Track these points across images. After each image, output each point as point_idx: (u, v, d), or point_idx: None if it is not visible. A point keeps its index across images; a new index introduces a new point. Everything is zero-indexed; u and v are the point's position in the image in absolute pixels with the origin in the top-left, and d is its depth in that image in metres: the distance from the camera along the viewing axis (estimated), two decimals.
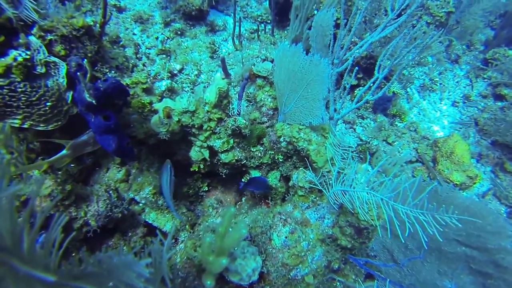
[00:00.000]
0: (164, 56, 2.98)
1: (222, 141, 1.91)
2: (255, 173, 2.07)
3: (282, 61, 1.79)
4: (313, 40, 1.99)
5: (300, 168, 1.93)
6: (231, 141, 1.93)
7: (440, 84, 4.32)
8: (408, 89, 4.16)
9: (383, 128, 3.03)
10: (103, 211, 1.61)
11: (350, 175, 1.46)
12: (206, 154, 1.92)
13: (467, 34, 4.41)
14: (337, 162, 1.58)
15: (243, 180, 2.11)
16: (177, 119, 1.83)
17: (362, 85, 3.29)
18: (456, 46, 4.79)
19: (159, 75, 2.81)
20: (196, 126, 1.87)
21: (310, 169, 1.82)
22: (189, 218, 1.98)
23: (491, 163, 3.57)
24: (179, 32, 3.31)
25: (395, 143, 2.99)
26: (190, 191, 2.11)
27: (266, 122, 2.12)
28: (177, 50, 3.17)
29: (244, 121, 1.89)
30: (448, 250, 1.24)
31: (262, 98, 2.12)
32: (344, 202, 1.47)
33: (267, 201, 2.07)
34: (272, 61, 2.67)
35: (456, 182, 2.67)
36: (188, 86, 2.96)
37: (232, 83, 2.43)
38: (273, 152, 2.01)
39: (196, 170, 1.98)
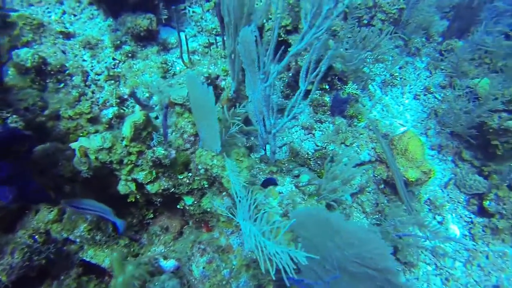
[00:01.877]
0: (112, 81, 2.94)
1: (145, 173, 1.91)
2: (188, 199, 2.07)
3: (190, 88, 1.84)
4: (242, 55, 2.00)
5: (222, 194, 1.96)
6: (154, 172, 1.94)
7: (401, 78, 4.39)
8: (370, 86, 4.21)
9: (340, 131, 3.06)
10: (18, 262, 1.55)
11: (244, 206, 1.44)
12: (133, 186, 1.92)
13: (420, 29, 4.50)
14: (238, 189, 1.56)
15: None
16: (94, 157, 1.83)
17: (319, 88, 3.32)
18: (415, 39, 4.89)
19: (108, 102, 2.77)
20: (115, 162, 1.87)
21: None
22: (131, 249, 1.97)
23: (451, 152, 3.64)
24: (130, 55, 3.27)
25: (353, 145, 3.03)
26: (134, 220, 2.10)
27: (189, 148, 2.14)
28: (128, 73, 3.14)
29: (163, 152, 1.90)
30: (354, 270, 1.26)
31: (183, 125, 2.15)
32: (244, 232, 1.46)
33: (208, 224, 2.06)
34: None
35: (412, 179, 2.71)
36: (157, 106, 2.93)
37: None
38: (199, 178, 2.03)
39: (133, 200, 1.97)
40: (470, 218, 3.19)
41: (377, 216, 2.91)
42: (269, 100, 2.13)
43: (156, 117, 2.73)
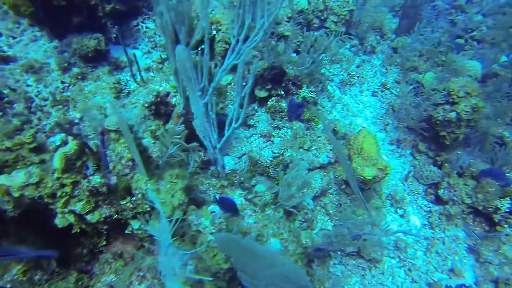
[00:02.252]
0: (60, 106, 2.86)
1: (82, 203, 1.88)
2: (135, 224, 2.04)
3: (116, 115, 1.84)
4: (180, 73, 2.00)
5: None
6: (92, 201, 1.91)
7: (358, 77, 4.52)
8: (329, 87, 4.31)
9: (298, 136, 3.11)
10: None
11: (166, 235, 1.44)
12: (71, 218, 1.87)
13: (371, 28, 4.66)
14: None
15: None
16: (19, 194, 1.77)
17: (274, 95, 3.36)
18: (370, 38, 5.05)
19: (55, 129, 2.69)
20: (46, 196, 1.82)
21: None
22: (81, 283, 1.91)
23: (409, 146, 3.78)
24: (79, 77, 3.19)
25: (312, 148, 3.08)
26: (84, 251, 2.05)
27: (129, 173, 2.12)
28: (79, 96, 3.06)
29: (100, 180, 1.87)
30: (283, 285, 1.29)
31: (120, 151, 2.13)
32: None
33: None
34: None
35: (369, 178, 2.79)
36: (93, 134, 2.86)
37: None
38: (140, 202, 2.02)
39: (79, 231, 1.92)
40: (429, 207, 3.33)
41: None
42: (209, 116, 2.14)
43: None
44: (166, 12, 2.16)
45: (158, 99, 2.69)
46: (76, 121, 2.86)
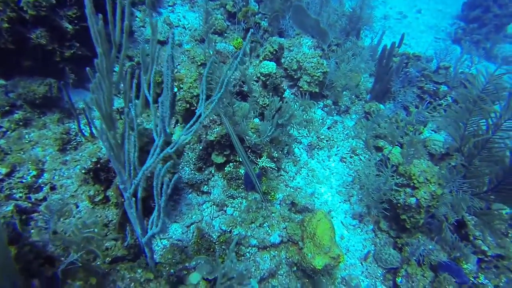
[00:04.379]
0: None
1: None
2: None
3: None
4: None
5: None
6: None
7: (327, 140, 4.45)
8: (296, 149, 4.20)
9: (251, 210, 2.91)
10: None
11: None
12: None
13: (344, 89, 4.68)
14: None
15: None
16: None
17: (232, 160, 3.19)
18: (345, 98, 5.07)
19: None
20: None
21: None
22: None
23: (372, 221, 3.63)
24: (21, 123, 2.95)
25: (264, 225, 2.87)
26: None
27: None
28: (15, 145, 2.80)
29: None
30: None
31: None
32: None
33: None
34: None
35: (319, 267, 2.59)
36: (21, 192, 2.57)
37: None
38: None
39: None
40: None
41: None
42: (138, 205, 1.93)
43: None
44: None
45: (98, 165, 2.45)
46: (0, 177, 2.58)
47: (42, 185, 2.68)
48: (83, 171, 2.41)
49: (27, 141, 2.87)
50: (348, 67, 4.23)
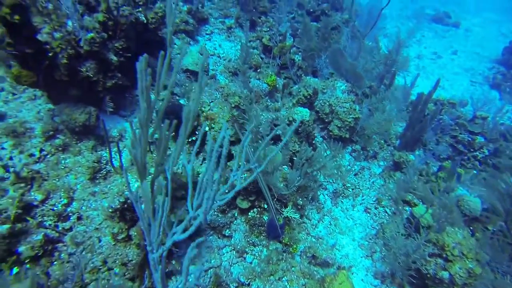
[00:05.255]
0: (22, 185, 2.66)
1: None
2: None
3: None
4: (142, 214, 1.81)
5: None
6: None
7: (353, 189, 4.31)
8: (321, 196, 4.09)
9: (271, 261, 2.83)
10: None
11: None
12: None
13: (376, 135, 4.57)
14: None
15: None
16: None
17: (257, 206, 3.14)
18: (374, 143, 4.95)
19: (4, 212, 2.45)
20: None
21: None
22: None
23: (395, 283, 3.43)
24: (60, 148, 3.05)
25: (283, 279, 2.78)
26: None
27: None
28: (52, 170, 2.88)
29: None
30: None
31: None
32: None
33: None
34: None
35: None
36: (51, 220, 2.63)
37: None
38: None
39: None
40: None
41: None
42: (163, 262, 1.91)
43: None
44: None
45: (125, 205, 2.47)
46: (35, 203, 2.65)
47: (70, 214, 2.72)
48: (109, 210, 2.44)
49: (62, 167, 2.96)
50: (382, 117, 4.14)
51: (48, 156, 3.02)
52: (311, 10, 7.07)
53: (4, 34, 2.58)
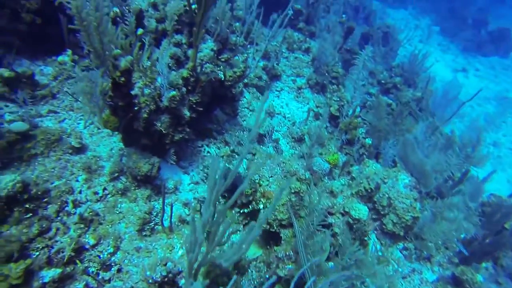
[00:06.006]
0: (82, 226, 2.81)
1: None
2: None
3: None
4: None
5: None
6: None
7: None
8: None
9: None
10: None
11: None
12: None
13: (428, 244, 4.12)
14: None
15: None
16: None
17: None
18: (429, 244, 4.46)
19: (62, 252, 2.60)
20: None
21: None
22: None
23: None
24: (120, 192, 3.22)
25: None
26: None
27: None
28: (108, 214, 3.03)
29: None
30: None
31: None
32: None
33: None
34: None
35: None
36: (95, 267, 2.72)
37: None
38: None
39: None
40: None
41: None
42: None
43: None
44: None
45: (166, 279, 2.46)
46: (87, 247, 2.77)
47: (112, 264, 2.80)
48: (149, 280, 2.45)
49: (117, 212, 3.10)
50: (451, 228, 3.73)
51: (109, 196, 3.20)
52: (383, 81, 6.92)
53: (109, 88, 2.87)
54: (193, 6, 3.55)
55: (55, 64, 4.19)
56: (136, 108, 3.06)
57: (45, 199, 2.86)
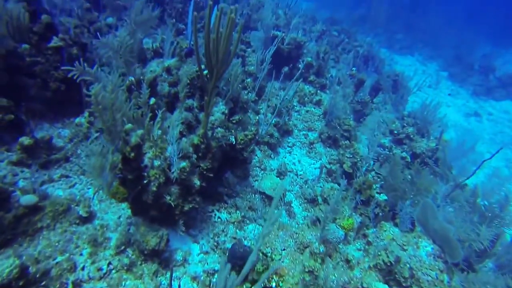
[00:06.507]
0: None
1: None
2: None
3: None
4: None
5: None
6: None
7: None
8: None
9: None
10: None
11: None
12: None
13: None
14: None
15: None
16: None
17: None
18: None
19: None
20: None
21: None
22: None
23: None
24: (125, 267, 3.07)
25: None
26: None
27: None
28: None
29: None
30: None
31: None
32: None
33: None
34: None
35: None
36: None
37: None
38: None
39: None
40: None
41: None
42: None
43: None
44: None
45: None
46: None
47: None
48: None
49: None
50: None
51: (113, 272, 3.05)
52: (396, 131, 6.84)
53: (119, 161, 2.86)
54: (204, 72, 3.64)
55: (72, 125, 4.30)
56: (145, 182, 3.02)
57: (43, 283, 2.73)
